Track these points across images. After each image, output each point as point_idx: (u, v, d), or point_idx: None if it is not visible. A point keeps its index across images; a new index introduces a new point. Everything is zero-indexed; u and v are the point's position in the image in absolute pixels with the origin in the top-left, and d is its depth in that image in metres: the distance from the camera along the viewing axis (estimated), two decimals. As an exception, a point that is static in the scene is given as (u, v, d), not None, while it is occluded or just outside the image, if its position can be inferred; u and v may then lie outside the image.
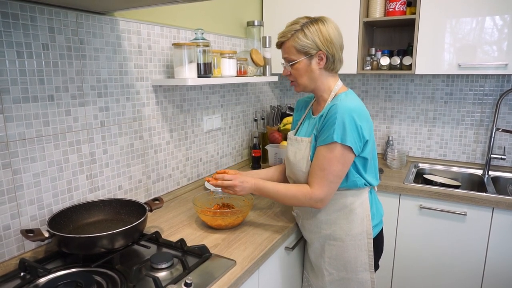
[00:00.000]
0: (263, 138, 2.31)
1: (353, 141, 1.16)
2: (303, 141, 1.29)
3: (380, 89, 2.44)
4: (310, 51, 1.21)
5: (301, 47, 1.21)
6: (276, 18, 2.28)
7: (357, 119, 1.16)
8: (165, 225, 1.41)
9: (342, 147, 1.16)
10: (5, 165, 1.08)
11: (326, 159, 1.18)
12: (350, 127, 1.15)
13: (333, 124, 1.16)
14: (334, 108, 1.17)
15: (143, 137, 1.54)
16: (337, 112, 1.15)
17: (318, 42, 1.20)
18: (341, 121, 1.15)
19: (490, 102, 2.16)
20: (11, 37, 1.05)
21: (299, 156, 1.29)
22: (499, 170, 2.12)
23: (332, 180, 1.20)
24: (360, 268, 1.30)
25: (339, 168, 1.19)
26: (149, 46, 1.52)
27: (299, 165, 1.29)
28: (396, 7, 2.02)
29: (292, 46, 1.23)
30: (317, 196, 1.20)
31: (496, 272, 1.77)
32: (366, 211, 1.28)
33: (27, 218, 1.15)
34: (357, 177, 1.25)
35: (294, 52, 1.23)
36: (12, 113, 1.08)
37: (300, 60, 1.23)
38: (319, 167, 1.20)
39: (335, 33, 1.22)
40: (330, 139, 1.16)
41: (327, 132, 1.17)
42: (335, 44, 1.22)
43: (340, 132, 1.15)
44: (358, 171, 1.24)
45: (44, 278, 1.04)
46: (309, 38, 1.20)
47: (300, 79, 1.27)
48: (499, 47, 1.81)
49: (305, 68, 1.24)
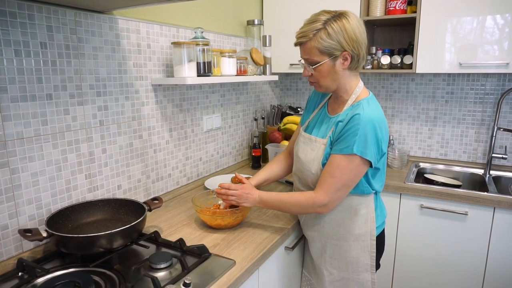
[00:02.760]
0: (263, 138, 2.30)
1: (372, 154, 1.13)
2: (317, 142, 1.25)
3: (380, 88, 2.43)
4: (335, 52, 1.12)
5: (325, 48, 1.12)
6: (276, 17, 2.28)
7: (379, 131, 1.12)
8: (164, 224, 1.41)
9: (361, 160, 1.13)
10: (3, 165, 1.07)
11: (340, 168, 1.15)
12: (372, 140, 1.11)
13: (354, 135, 1.11)
14: (357, 118, 1.11)
15: (142, 136, 1.53)
16: (360, 123, 1.10)
17: (343, 42, 1.11)
18: (364, 134, 1.10)
19: (491, 101, 2.15)
20: (9, 35, 1.05)
21: (311, 156, 1.25)
22: (501, 170, 2.11)
23: (340, 188, 1.17)
24: (362, 269, 1.29)
25: (351, 178, 1.16)
26: (149, 45, 1.51)
27: (309, 166, 1.25)
28: (396, 6, 2.01)
29: (315, 47, 1.12)
30: (320, 201, 1.18)
31: (497, 272, 1.76)
32: (371, 212, 1.27)
33: (25, 217, 1.14)
34: (366, 186, 1.23)
35: (317, 54, 1.13)
36: (10, 112, 1.07)
37: (324, 62, 1.14)
38: (329, 174, 1.17)
39: (360, 30, 1.14)
40: (349, 150, 1.12)
41: (347, 142, 1.13)
42: (361, 42, 1.14)
43: (361, 145, 1.11)
44: (368, 181, 1.22)
45: (42, 278, 1.04)
46: (334, 38, 1.10)
47: (322, 81, 1.19)
48: (500, 46, 1.80)
49: (328, 69, 1.16)
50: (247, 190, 1.29)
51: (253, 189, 1.31)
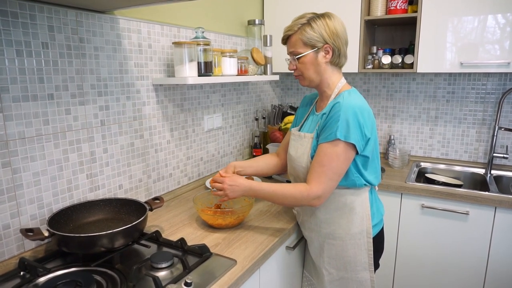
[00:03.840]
0: (264, 137, 2.30)
1: (357, 138, 1.16)
2: (306, 137, 1.29)
3: (381, 88, 2.43)
4: (317, 44, 1.22)
5: (308, 40, 1.22)
6: (277, 17, 2.28)
7: (360, 117, 1.16)
8: (165, 224, 1.41)
9: (345, 145, 1.16)
10: (5, 164, 1.07)
11: (327, 156, 1.17)
12: (354, 124, 1.15)
13: (336, 121, 1.16)
14: (338, 106, 1.17)
15: (143, 136, 1.54)
16: (341, 109, 1.15)
17: (324, 35, 1.21)
18: (345, 119, 1.15)
19: (492, 101, 2.15)
20: (11, 35, 1.05)
21: (301, 151, 1.29)
22: (502, 169, 2.11)
23: (331, 177, 1.19)
24: (360, 268, 1.29)
25: (339, 165, 1.18)
26: (150, 44, 1.51)
27: (300, 161, 1.28)
28: (397, 5, 2.00)
29: (299, 39, 1.23)
30: (314, 193, 1.19)
31: (499, 272, 1.76)
32: (366, 210, 1.27)
33: (26, 217, 1.15)
34: (357, 176, 1.24)
35: (301, 45, 1.23)
36: (12, 112, 1.08)
37: (307, 53, 1.23)
38: (318, 164, 1.19)
39: (341, 28, 1.24)
40: (333, 136, 1.16)
41: (330, 129, 1.17)
42: (341, 38, 1.24)
43: (343, 129, 1.15)
44: (358, 170, 1.23)
45: (43, 277, 1.04)
46: (316, 31, 1.21)
47: (306, 72, 1.26)
48: (501, 46, 1.79)
49: (311, 61, 1.24)
50: (231, 181, 1.27)
51: (238, 179, 1.28)
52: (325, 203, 1.27)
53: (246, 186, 1.27)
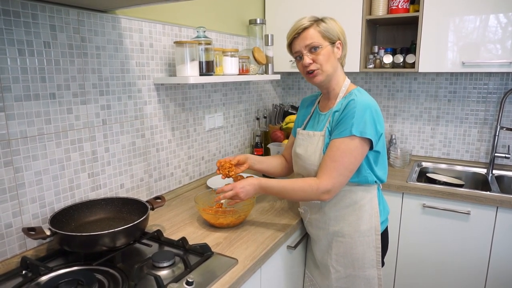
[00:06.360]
0: (265, 137, 2.30)
1: (372, 133, 1.18)
2: (315, 135, 1.29)
3: (383, 87, 2.43)
4: (333, 38, 1.24)
5: (326, 32, 1.22)
6: (278, 17, 2.28)
7: (375, 113, 1.19)
8: (166, 223, 1.41)
9: (360, 140, 1.17)
10: (7, 163, 1.08)
11: (340, 151, 1.18)
12: (370, 120, 1.17)
13: (351, 118, 1.17)
14: (353, 103, 1.19)
15: (145, 135, 1.54)
16: (356, 106, 1.17)
17: (337, 31, 1.25)
18: (361, 115, 1.16)
19: (494, 100, 2.14)
20: (13, 34, 1.05)
21: (311, 150, 1.28)
22: (503, 169, 2.10)
23: (342, 172, 1.19)
24: (368, 265, 1.29)
25: (351, 161, 1.18)
26: (151, 44, 1.51)
27: (311, 159, 1.27)
28: (399, 5, 2.00)
29: (318, 31, 1.22)
30: (324, 187, 1.18)
31: (500, 271, 1.76)
32: (374, 207, 1.28)
33: (28, 216, 1.15)
34: (368, 173, 1.25)
35: (320, 38, 1.22)
36: (14, 111, 1.08)
37: (326, 45, 1.23)
38: (330, 159, 1.20)
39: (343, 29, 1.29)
40: (348, 132, 1.17)
41: (344, 125, 1.18)
42: (345, 38, 1.29)
43: (359, 125, 1.16)
44: (370, 166, 1.25)
45: (45, 276, 1.04)
46: (330, 26, 1.23)
47: (325, 65, 1.24)
48: (503, 45, 1.79)
49: (329, 54, 1.24)
50: (241, 184, 1.27)
51: (246, 180, 1.29)
52: (335, 200, 1.28)
53: (256, 185, 1.27)
